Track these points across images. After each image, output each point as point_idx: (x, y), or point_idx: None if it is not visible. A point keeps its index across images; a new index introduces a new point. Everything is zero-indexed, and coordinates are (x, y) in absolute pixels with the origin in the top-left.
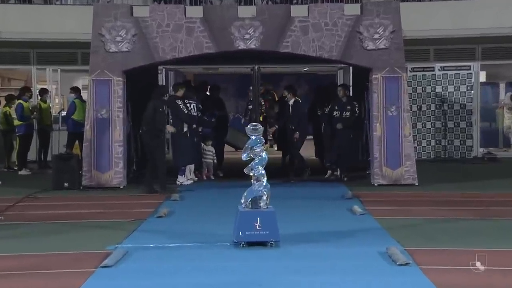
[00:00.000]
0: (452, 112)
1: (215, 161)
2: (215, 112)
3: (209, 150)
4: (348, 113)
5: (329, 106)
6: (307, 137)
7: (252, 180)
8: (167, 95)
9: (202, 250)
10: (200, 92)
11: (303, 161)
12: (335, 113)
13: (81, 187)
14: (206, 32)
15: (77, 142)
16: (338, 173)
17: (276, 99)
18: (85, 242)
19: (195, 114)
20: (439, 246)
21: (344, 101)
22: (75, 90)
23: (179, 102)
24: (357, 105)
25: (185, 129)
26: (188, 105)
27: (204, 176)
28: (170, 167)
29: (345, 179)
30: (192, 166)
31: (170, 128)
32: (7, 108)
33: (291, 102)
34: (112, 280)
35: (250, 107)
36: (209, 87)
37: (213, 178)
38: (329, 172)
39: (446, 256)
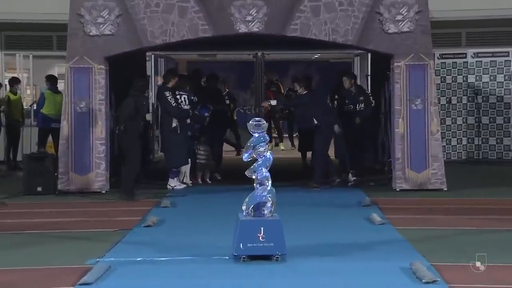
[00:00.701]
0: (487, 105)
1: (212, 162)
2: (208, 105)
3: (203, 149)
4: (362, 105)
5: (337, 99)
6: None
7: (254, 184)
8: (148, 91)
9: (196, 265)
10: (194, 82)
11: (330, 165)
12: (346, 107)
13: (57, 192)
14: (201, 13)
15: (51, 139)
16: (350, 177)
17: (282, 90)
18: (61, 255)
19: (186, 107)
20: (471, 261)
21: (354, 92)
22: (50, 80)
23: (167, 93)
24: (370, 94)
25: (174, 124)
26: (178, 97)
27: (199, 180)
28: (163, 169)
29: (352, 181)
30: (188, 168)
31: (147, 116)
32: None
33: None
34: None
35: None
36: (206, 77)
37: (209, 182)
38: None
39: (479, 272)
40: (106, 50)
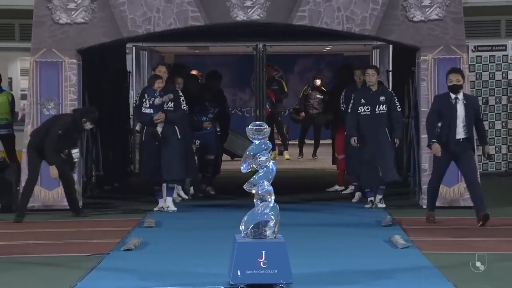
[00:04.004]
0: None
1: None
2: (208, 109)
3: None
4: (383, 107)
5: (352, 99)
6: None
7: (254, 200)
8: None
9: None
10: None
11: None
12: (361, 109)
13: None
14: None
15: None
16: (377, 199)
17: (286, 89)
18: (26, 284)
19: (148, 110)
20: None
21: (374, 90)
22: None
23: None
24: (395, 95)
25: (138, 127)
26: (147, 97)
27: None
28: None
29: (382, 205)
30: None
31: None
32: None
33: None
34: None
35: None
36: (206, 75)
37: (200, 195)
38: (357, 194)
39: None
40: (79, 41)
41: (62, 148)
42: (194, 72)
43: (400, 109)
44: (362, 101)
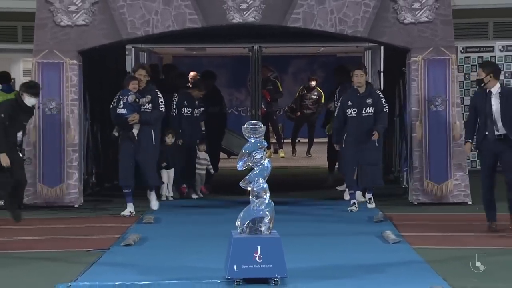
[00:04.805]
0: None
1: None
2: (200, 106)
3: (203, 158)
4: (370, 110)
5: (338, 100)
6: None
7: (250, 197)
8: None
9: None
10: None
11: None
12: (349, 111)
13: (22, 206)
14: (189, 1)
15: None
16: (366, 198)
17: (280, 88)
18: (27, 279)
19: (122, 111)
20: (498, 286)
21: (362, 92)
22: (3, 78)
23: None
24: (382, 96)
25: (115, 132)
26: (121, 97)
27: (199, 193)
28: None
29: (371, 205)
30: (168, 179)
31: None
32: None
33: None
34: None
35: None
36: (201, 74)
37: (201, 195)
38: (352, 200)
39: None
40: (80, 43)
41: (10, 132)
42: (192, 73)
43: (387, 110)
44: (349, 103)
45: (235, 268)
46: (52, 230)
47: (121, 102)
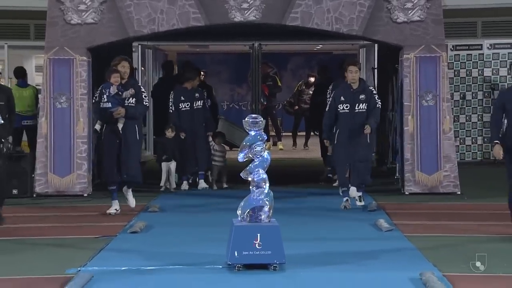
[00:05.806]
0: None
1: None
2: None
3: (219, 150)
4: (363, 106)
5: (330, 96)
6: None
7: (250, 187)
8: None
9: (187, 275)
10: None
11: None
12: (341, 106)
13: (34, 195)
14: (193, 0)
15: (26, 138)
16: (356, 196)
17: (279, 83)
18: (39, 264)
19: (108, 105)
20: (487, 272)
21: (355, 88)
22: (17, 74)
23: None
24: (375, 93)
25: (97, 126)
26: (104, 91)
27: (214, 186)
28: (151, 168)
29: (360, 203)
30: (171, 167)
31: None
32: None
33: None
34: None
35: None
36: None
37: (226, 186)
38: (344, 197)
39: (495, 284)
40: (89, 40)
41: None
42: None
43: (379, 106)
44: (342, 98)
45: (236, 254)
46: (63, 218)
47: (104, 96)
